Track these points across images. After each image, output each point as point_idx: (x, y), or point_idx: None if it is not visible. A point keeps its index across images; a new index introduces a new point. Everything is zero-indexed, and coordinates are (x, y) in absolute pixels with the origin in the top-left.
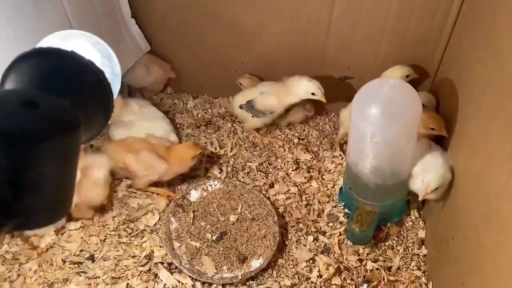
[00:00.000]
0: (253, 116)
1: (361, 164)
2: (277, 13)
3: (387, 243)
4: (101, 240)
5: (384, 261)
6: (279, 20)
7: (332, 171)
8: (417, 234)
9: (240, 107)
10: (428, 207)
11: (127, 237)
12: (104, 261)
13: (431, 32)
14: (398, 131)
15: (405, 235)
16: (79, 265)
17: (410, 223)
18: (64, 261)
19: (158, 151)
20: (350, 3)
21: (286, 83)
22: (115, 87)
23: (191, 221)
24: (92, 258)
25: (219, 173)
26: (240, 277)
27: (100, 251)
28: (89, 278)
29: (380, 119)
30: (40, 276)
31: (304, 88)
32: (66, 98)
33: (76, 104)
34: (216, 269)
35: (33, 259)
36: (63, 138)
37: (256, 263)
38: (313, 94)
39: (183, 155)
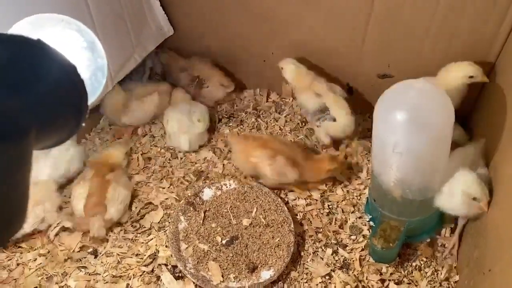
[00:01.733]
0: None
1: (385, 176)
2: (314, 3)
3: (414, 264)
4: (106, 233)
5: (409, 283)
6: (314, 10)
7: (360, 178)
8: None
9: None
10: (465, 228)
11: (134, 233)
12: (107, 257)
13: (486, 27)
14: (424, 142)
15: (435, 256)
16: (81, 259)
17: (442, 243)
18: (66, 255)
19: (295, 157)
20: None
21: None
22: (98, 83)
23: (201, 221)
24: (95, 253)
25: (236, 170)
26: None
27: (104, 247)
28: (89, 274)
29: (404, 127)
30: (39, 268)
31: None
32: (19, 96)
33: (31, 104)
34: (222, 276)
35: (35, 249)
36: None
37: (266, 274)
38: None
39: (320, 167)
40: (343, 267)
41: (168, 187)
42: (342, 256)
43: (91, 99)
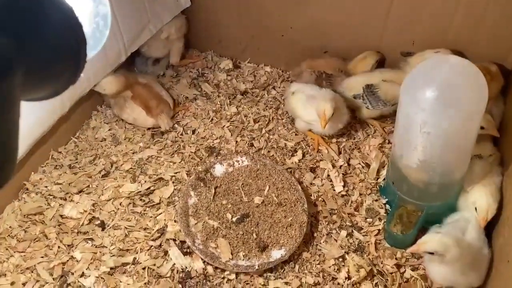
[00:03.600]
0: (367, 107)
1: (407, 157)
2: None
3: None
4: (115, 206)
5: (424, 269)
6: None
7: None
8: None
9: (354, 97)
10: None
11: (142, 206)
12: (114, 230)
13: None
14: (455, 122)
15: None
16: (88, 231)
17: None
18: (72, 227)
19: None
20: None
21: (409, 64)
22: (100, 33)
23: (212, 197)
24: (102, 226)
25: (250, 148)
26: (257, 267)
27: (112, 219)
28: (96, 247)
29: (434, 104)
30: (45, 237)
31: None
32: (5, 32)
33: (19, 42)
34: (231, 254)
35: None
36: None
37: (277, 254)
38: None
39: None
40: (357, 250)
41: (179, 162)
42: (357, 239)
43: (94, 51)
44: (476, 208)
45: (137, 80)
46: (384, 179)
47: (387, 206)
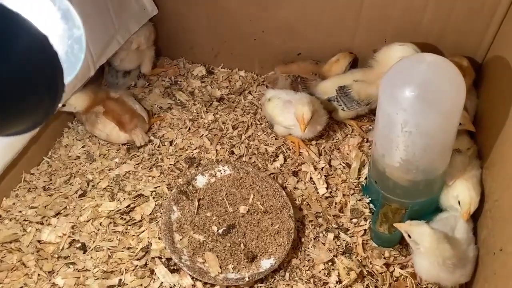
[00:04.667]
0: (343, 109)
1: (389, 157)
2: None
3: None
4: (95, 227)
5: (413, 267)
6: None
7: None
8: None
9: (329, 99)
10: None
11: (124, 225)
12: (97, 252)
13: (486, 2)
14: (436, 120)
15: None
16: (69, 255)
17: None
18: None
19: None
20: None
21: (377, 60)
22: (76, 57)
23: (196, 210)
24: (83, 248)
25: (230, 155)
26: (247, 278)
27: (93, 241)
28: (78, 271)
29: (414, 104)
30: (23, 266)
31: (398, 54)
32: None
33: None
34: (220, 268)
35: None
36: None
37: (266, 263)
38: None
39: None
40: (345, 252)
41: (159, 176)
42: (344, 240)
43: (69, 77)
44: (459, 202)
45: (108, 94)
46: (366, 178)
47: (371, 205)
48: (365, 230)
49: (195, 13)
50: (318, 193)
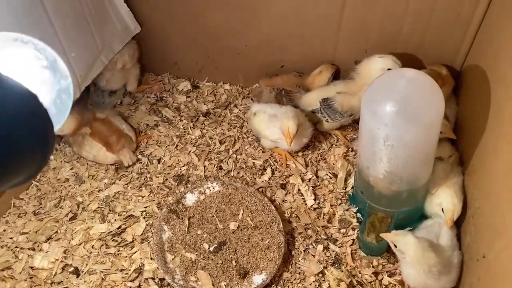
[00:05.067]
0: (327, 121)
1: (374, 169)
2: None
3: None
4: (87, 250)
5: (401, 274)
6: None
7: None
8: None
9: (313, 111)
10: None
11: (116, 247)
12: (90, 275)
13: (462, 9)
14: (417, 133)
15: None
16: (62, 281)
17: None
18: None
19: None
20: None
21: (358, 73)
22: (64, 106)
23: (186, 229)
24: (76, 273)
25: (219, 171)
26: None
27: (86, 264)
28: None
29: (395, 119)
30: None
31: (378, 66)
32: None
33: None
34: (213, 285)
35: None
36: None
37: (258, 279)
38: (389, 70)
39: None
40: (335, 263)
41: (148, 195)
42: (333, 251)
43: (58, 125)
44: (442, 209)
45: (95, 115)
46: (352, 187)
47: (358, 214)
48: (353, 239)
49: (177, 29)
50: (306, 204)
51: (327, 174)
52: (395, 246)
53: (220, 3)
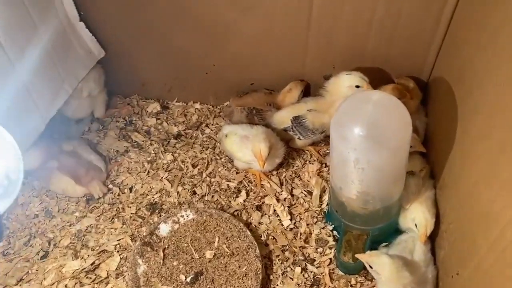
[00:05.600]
0: (299, 138)
1: (346, 189)
2: (249, 9)
3: None
4: None
5: None
6: (252, 15)
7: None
8: None
9: (285, 129)
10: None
11: (90, 284)
12: None
13: (426, 24)
14: (386, 156)
15: None
16: None
17: None
18: None
19: None
20: None
21: (327, 90)
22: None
23: (162, 261)
24: None
25: (192, 196)
26: None
27: None
28: None
29: (363, 143)
30: None
31: (346, 83)
32: None
33: None
34: None
35: None
36: None
37: None
38: (357, 87)
39: None
40: (313, 284)
41: (121, 227)
42: (311, 272)
43: (8, 203)
44: (416, 225)
45: (61, 147)
46: (327, 204)
47: (335, 232)
48: (330, 259)
49: (143, 50)
50: (282, 225)
51: (302, 192)
52: (371, 267)
53: (185, 24)
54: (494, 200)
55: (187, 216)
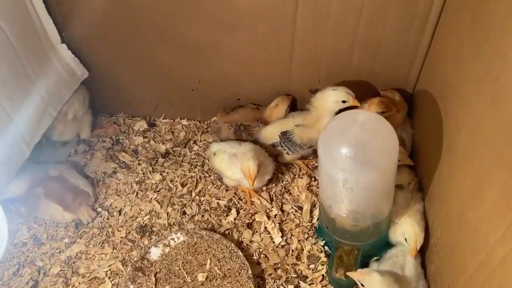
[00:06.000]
0: (287, 153)
1: (336, 208)
2: (233, 27)
3: None
4: None
5: None
6: (236, 34)
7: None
8: None
9: (273, 145)
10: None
11: None
12: None
13: (409, 38)
14: (375, 177)
15: None
16: None
17: None
18: None
19: None
20: (315, 12)
21: (314, 106)
22: None
23: (154, 286)
24: None
25: (182, 216)
26: None
27: None
28: None
29: (351, 164)
30: None
31: (332, 99)
32: None
33: None
34: None
35: None
36: None
37: None
38: (344, 102)
39: None
40: None
41: (112, 252)
42: None
43: None
44: (406, 239)
45: (47, 173)
46: (318, 219)
47: (326, 247)
48: (323, 275)
49: (127, 69)
50: (274, 242)
51: (292, 208)
52: (362, 285)
53: (169, 43)
54: (482, 219)
55: (178, 239)
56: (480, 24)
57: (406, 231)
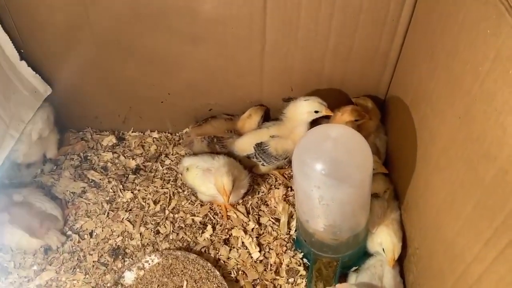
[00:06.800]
0: (262, 165)
1: (313, 222)
2: (200, 39)
3: None
4: None
5: None
6: (204, 46)
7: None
8: None
9: (248, 157)
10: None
11: None
12: None
13: (379, 46)
14: (349, 191)
15: None
16: None
17: None
18: None
19: None
20: (284, 22)
21: (287, 117)
22: None
23: None
24: None
25: (156, 235)
26: None
27: None
28: None
29: (326, 181)
30: None
31: (305, 109)
32: None
33: None
34: None
35: None
36: None
37: None
38: (316, 112)
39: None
40: None
41: (84, 278)
42: None
43: None
44: (383, 249)
45: (11, 199)
46: (295, 230)
47: (305, 260)
48: None
49: (92, 83)
50: (252, 258)
51: (269, 220)
52: None
53: (134, 57)
54: (458, 233)
55: (152, 261)
56: (451, 33)
57: (384, 241)
